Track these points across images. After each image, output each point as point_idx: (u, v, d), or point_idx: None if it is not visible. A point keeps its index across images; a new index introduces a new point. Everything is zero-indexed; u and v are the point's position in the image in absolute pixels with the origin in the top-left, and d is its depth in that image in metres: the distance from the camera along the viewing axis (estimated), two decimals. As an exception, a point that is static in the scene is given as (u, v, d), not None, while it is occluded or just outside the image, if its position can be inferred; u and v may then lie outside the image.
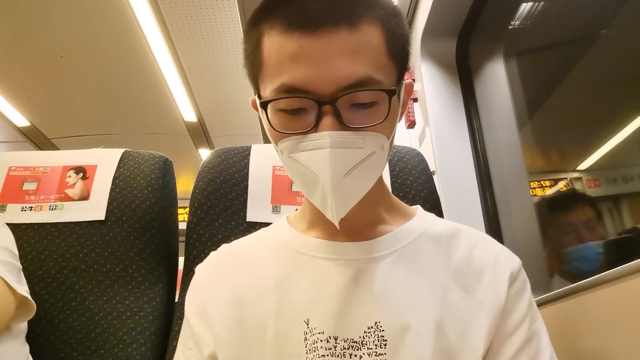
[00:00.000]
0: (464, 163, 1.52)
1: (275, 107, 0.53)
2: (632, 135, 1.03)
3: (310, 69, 0.50)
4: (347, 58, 0.50)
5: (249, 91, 0.58)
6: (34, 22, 2.76)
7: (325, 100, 0.51)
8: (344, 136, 0.51)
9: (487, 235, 0.65)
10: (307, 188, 0.55)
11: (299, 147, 0.53)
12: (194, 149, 4.64)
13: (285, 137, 0.54)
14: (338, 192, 0.51)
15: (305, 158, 0.52)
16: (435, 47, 1.60)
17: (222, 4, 2.64)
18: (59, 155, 1.02)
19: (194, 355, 0.60)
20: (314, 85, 0.50)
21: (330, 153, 0.50)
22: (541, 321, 0.58)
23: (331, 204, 0.52)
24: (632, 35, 0.99)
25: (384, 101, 0.53)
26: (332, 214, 0.53)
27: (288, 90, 0.51)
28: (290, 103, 0.52)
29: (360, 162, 0.52)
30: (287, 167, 0.56)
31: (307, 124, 0.52)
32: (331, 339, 0.53)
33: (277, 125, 0.54)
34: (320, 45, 0.50)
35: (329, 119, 0.51)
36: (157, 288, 0.90)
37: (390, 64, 0.54)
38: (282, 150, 0.55)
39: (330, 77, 0.50)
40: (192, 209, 0.92)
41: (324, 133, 0.51)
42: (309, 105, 0.52)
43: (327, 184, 0.51)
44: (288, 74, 0.51)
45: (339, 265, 0.58)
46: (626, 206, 1.19)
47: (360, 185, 0.54)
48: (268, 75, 0.54)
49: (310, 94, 0.51)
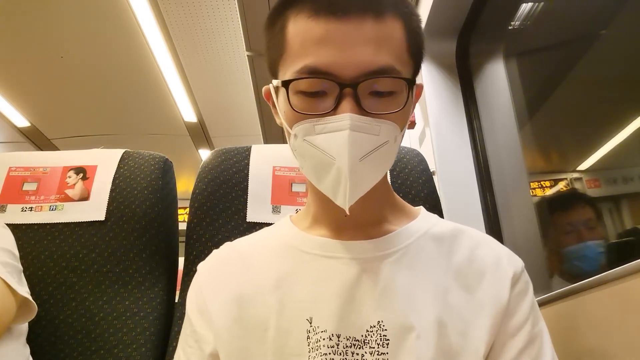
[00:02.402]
0: (464, 163, 1.52)
1: (296, 89, 0.54)
2: (632, 135, 1.03)
3: (335, 53, 0.52)
4: (371, 46, 0.52)
5: (249, 91, 0.58)
6: (34, 22, 2.76)
7: (347, 84, 0.52)
8: (362, 121, 0.52)
9: (489, 236, 0.65)
10: (318, 173, 0.55)
11: (315, 129, 0.53)
12: (194, 149, 4.64)
13: (302, 120, 0.54)
14: (353, 176, 0.52)
15: (321, 140, 0.53)
16: (435, 47, 1.60)
17: (222, 4, 2.64)
18: (59, 155, 1.02)
19: (194, 353, 0.60)
20: (337, 69, 0.52)
21: (350, 135, 0.51)
22: (543, 322, 0.58)
23: (344, 188, 0.52)
24: (632, 35, 0.99)
25: (402, 91, 0.54)
26: (344, 199, 0.52)
27: (311, 71, 0.53)
28: (312, 84, 0.53)
29: (375, 148, 0.53)
30: (300, 151, 0.56)
31: (327, 107, 0.53)
32: (334, 337, 0.53)
33: (296, 106, 0.54)
34: (346, 30, 0.52)
35: (349, 102, 0.52)
36: (157, 288, 0.90)
37: (409, 59, 0.57)
38: (296, 134, 0.55)
39: (354, 62, 0.52)
40: (192, 209, 0.92)
41: (344, 115, 0.51)
42: (330, 88, 0.53)
43: (344, 166, 0.51)
44: (312, 57, 0.52)
45: (341, 264, 0.58)
46: (626, 206, 1.19)
47: (372, 174, 0.55)
48: (290, 58, 0.55)
49: (332, 76, 0.52)
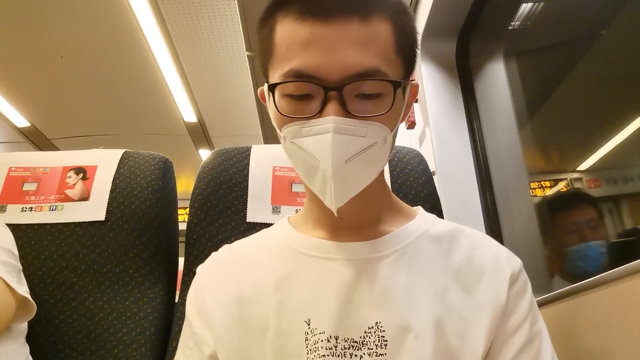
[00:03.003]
0: (464, 163, 1.52)
1: (283, 92, 0.55)
2: (632, 135, 1.03)
3: (320, 56, 0.52)
4: (356, 48, 0.52)
5: (249, 91, 0.59)
6: (34, 22, 2.76)
7: (331, 87, 0.52)
8: (347, 123, 0.52)
9: (487, 236, 0.65)
10: (307, 175, 0.56)
11: (302, 132, 0.53)
12: (194, 149, 4.64)
13: (290, 123, 0.54)
14: (338, 178, 0.52)
15: (307, 143, 0.53)
16: (436, 48, 1.60)
17: (222, 4, 2.64)
18: (59, 155, 1.02)
19: (194, 355, 0.60)
20: (322, 72, 0.52)
21: (333, 138, 0.51)
22: (542, 322, 0.58)
23: (330, 190, 0.52)
24: (632, 35, 0.99)
25: (389, 94, 0.54)
26: (331, 201, 0.53)
27: (296, 75, 0.53)
28: (298, 88, 0.53)
29: (362, 150, 0.53)
30: (289, 153, 0.57)
31: (312, 110, 0.53)
32: (332, 339, 0.53)
33: (283, 109, 0.55)
34: (331, 33, 0.52)
35: (334, 105, 0.52)
36: (157, 289, 0.90)
37: (398, 60, 0.56)
38: (285, 136, 0.56)
39: (339, 65, 0.52)
40: (192, 209, 0.92)
41: (328, 118, 0.52)
42: (316, 91, 0.53)
43: (327, 169, 0.51)
44: (298, 60, 0.53)
45: (340, 265, 0.58)
46: (626, 207, 1.19)
47: (360, 175, 0.55)
48: (278, 61, 0.55)
49: (317, 80, 0.52)
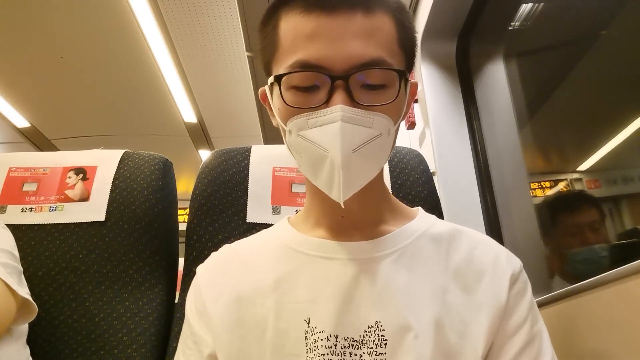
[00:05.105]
0: (464, 164, 1.52)
1: (289, 84, 0.55)
2: (632, 136, 1.03)
3: (326, 47, 0.53)
4: (361, 39, 0.53)
5: (249, 92, 0.59)
6: (34, 23, 2.76)
7: (338, 76, 0.52)
8: (354, 112, 0.52)
9: (487, 237, 0.65)
10: (314, 167, 0.55)
11: (308, 123, 0.54)
12: (194, 149, 4.64)
13: (295, 115, 0.55)
14: (346, 167, 0.52)
15: (314, 134, 0.53)
16: (435, 48, 1.60)
17: (222, 5, 2.64)
18: (59, 156, 1.02)
19: (193, 355, 0.60)
20: (328, 62, 0.53)
21: (341, 127, 0.51)
22: (542, 323, 0.58)
23: (338, 181, 0.52)
24: (632, 36, 0.99)
25: (393, 85, 0.55)
26: (339, 192, 0.52)
27: (302, 65, 0.54)
28: (304, 78, 0.54)
29: (368, 141, 0.53)
30: (295, 147, 0.57)
31: (319, 100, 0.54)
32: (331, 338, 0.53)
33: (290, 101, 0.55)
34: (336, 25, 0.53)
35: (340, 94, 0.53)
36: (157, 289, 0.90)
37: (400, 52, 0.57)
38: (290, 130, 0.56)
39: (345, 55, 0.53)
40: (192, 210, 0.92)
41: (335, 107, 0.52)
42: (322, 82, 0.54)
43: (336, 158, 0.51)
44: (303, 51, 0.53)
45: (340, 265, 0.58)
46: (626, 207, 1.19)
47: (366, 167, 0.55)
48: (282, 55, 0.56)
49: (324, 70, 0.53)
